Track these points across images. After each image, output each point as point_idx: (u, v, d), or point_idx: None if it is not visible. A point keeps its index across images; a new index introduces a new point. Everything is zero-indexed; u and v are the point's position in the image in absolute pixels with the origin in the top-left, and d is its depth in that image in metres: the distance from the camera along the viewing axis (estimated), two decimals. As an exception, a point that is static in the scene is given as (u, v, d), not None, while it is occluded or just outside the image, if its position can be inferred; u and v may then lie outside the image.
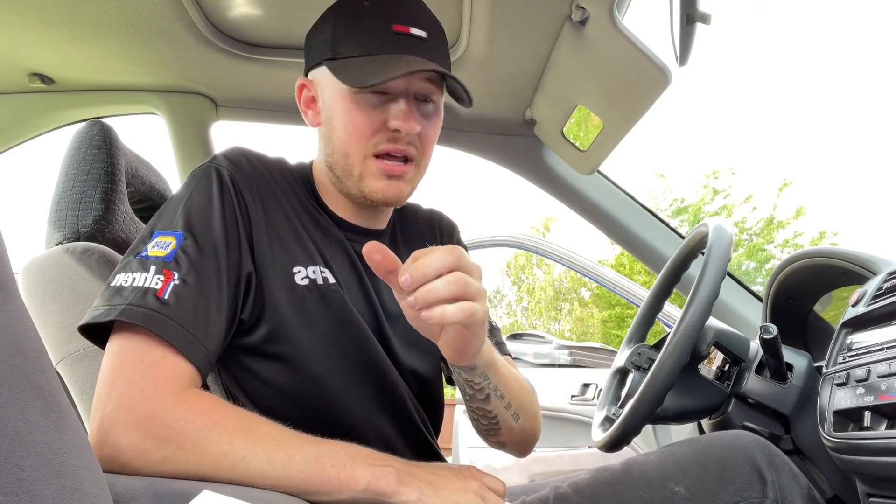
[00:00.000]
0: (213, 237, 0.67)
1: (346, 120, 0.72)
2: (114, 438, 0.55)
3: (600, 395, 1.11)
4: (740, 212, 13.58)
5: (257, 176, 0.74)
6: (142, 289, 0.61)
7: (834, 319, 1.13)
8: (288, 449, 0.58)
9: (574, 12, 1.00)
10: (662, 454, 0.81)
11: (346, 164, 0.74)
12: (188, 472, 0.56)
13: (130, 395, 0.57)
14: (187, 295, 0.62)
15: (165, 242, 0.65)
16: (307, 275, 0.73)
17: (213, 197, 0.69)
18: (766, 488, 0.72)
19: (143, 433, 0.55)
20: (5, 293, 0.32)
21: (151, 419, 0.56)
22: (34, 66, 1.27)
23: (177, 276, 0.62)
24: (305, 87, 0.79)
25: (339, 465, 0.58)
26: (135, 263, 0.64)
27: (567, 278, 19.07)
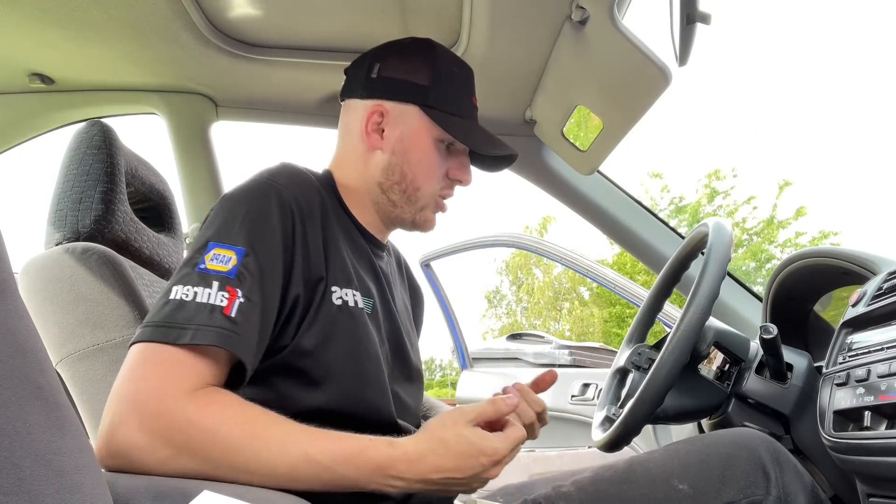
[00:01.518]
0: (272, 256, 0.68)
1: (429, 161, 0.85)
2: (121, 435, 0.56)
3: (600, 395, 1.11)
4: (741, 212, 13.58)
5: (311, 194, 0.76)
6: (208, 306, 0.61)
7: (834, 319, 1.13)
8: (293, 458, 0.58)
9: (574, 12, 1.00)
10: (666, 452, 0.81)
11: (413, 194, 0.85)
12: (192, 473, 0.56)
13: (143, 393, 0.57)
14: (252, 311, 0.63)
15: (225, 257, 0.65)
16: (340, 296, 0.75)
17: (272, 215, 0.70)
18: (769, 485, 0.72)
19: (150, 432, 0.56)
20: (5, 293, 0.32)
21: (160, 417, 0.57)
22: (34, 66, 1.27)
23: (241, 294, 0.63)
24: (379, 114, 0.85)
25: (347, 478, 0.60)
26: (195, 276, 0.63)
27: (567, 278, 19.06)
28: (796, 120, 26.68)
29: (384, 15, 1.12)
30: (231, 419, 0.59)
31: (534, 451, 1.92)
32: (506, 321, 21.12)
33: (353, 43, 1.21)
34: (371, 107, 0.85)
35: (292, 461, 0.58)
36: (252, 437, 0.58)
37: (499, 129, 1.45)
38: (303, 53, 1.24)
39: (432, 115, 0.83)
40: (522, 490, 0.88)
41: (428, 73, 0.85)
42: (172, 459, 0.56)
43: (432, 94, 0.84)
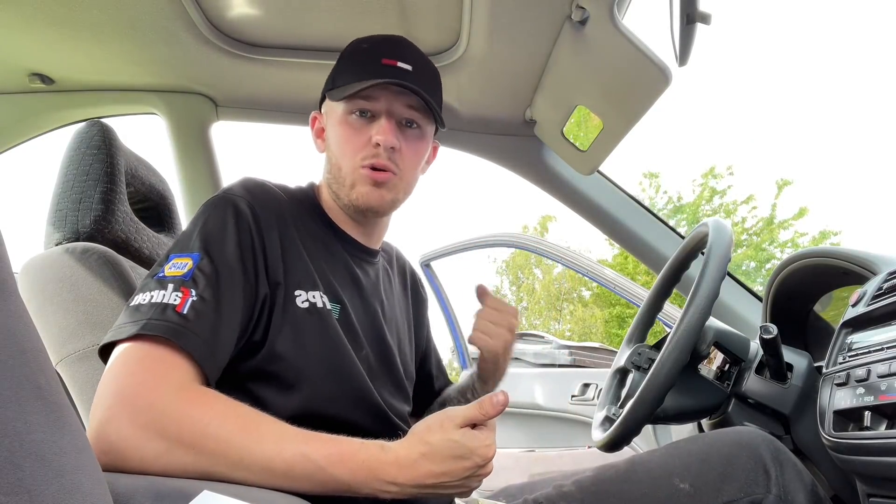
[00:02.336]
0: (228, 258, 0.70)
1: (340, 138, 0.84)
2: (112, 431, 0.55)
3: (600, 395, 1.12)
4: (740, 211, 13.58)
5: (269, 203, 0.78)
6: (161, 304, 0.63)
7: (834, 319, 1.13)
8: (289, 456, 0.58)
9: (574, 12, 1.00)
10: (667, 451, 0.81)
11: (340, 176, 0.84)
12: (186, 468, 0.56)
13: (131, 388, 0.57)
14: (205, 310, 0.64)
15: (182, 263, 0.68)
16: (307, 298, 0.76)
17: (227, 223, 0.72)
18: (769, 483, 0.72)
19: (142, 425, 0.56)
20: (5, 293, 0.32)
21: (151, 409, 0.56)
22: (34, 66, 1.27)
23: (194, 293, 0.65)
24: (317, 120, 0.91)
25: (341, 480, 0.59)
26: (152, 283, 0.66)
27: (567, 278, 19.06)
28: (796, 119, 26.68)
29: (384, 15, 1.12)
30: (223, 413, 0.59)
31: (534, 451, 1.93)
32: (506, 321, 21.06)
33: (353, 43, 1.21)
34: (312, 116, 0.92)
35: (287, 458, 0.58)
36: (246, 431, 0.58)
37: (499, 129, 1.45)
38: (303, 53, 1.24)
39: (332, 95, 0.85)
40: (524, 490, 0.88)
41: (336, 65, 0.88)
42: (167, 453, 0.55)
43: (335, 79, 0.86)
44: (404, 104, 0.83)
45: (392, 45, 0.86)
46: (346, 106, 0.83)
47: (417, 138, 0.86)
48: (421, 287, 1.10)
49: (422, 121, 0.86)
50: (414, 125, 0.85)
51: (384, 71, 0.82)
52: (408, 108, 0.84)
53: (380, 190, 0.83)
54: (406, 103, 0.83)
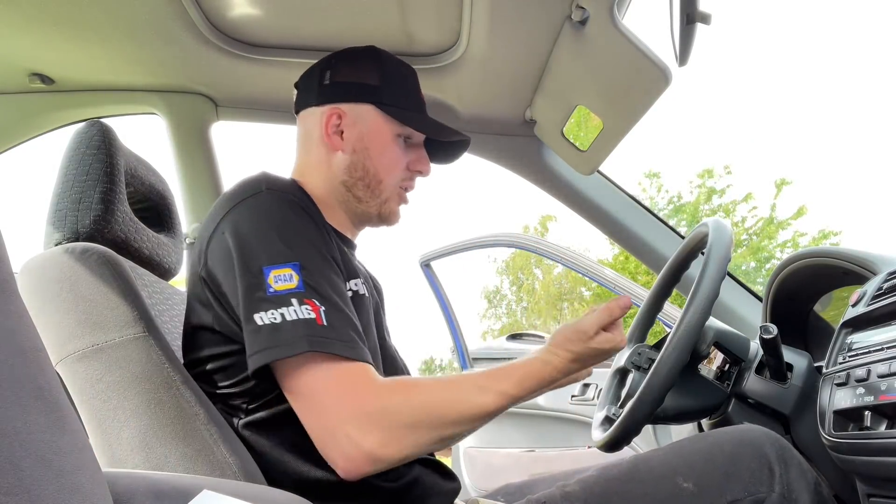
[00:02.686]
0: (320, 258, 0.75)
1: (388, 155, 0.89)
2: (367, 441, 0.67)
3: (600, 395, 1.11)
4: (739, 211, 13.58)
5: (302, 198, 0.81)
6: (301, 321, 0.68)
7: (834, 319, 1.13)
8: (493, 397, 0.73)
9: (574, 12, 1.00)
10: (671, 450, 0.81)
11: (377, 187, 0.89)
12: (433, 443, 0.71)
13: (355, 404, 0.68)
14: (338, 316, 0.71)
15: (286, 275, 0.71)
16: (351, 287, 0.81)
17: (297, 222, 0.76)
18: (773, 482, 0.72)
19: (385, 427, 0.67)
20: (5, 293, 0.32)
21: (384, 412, 0.68)
22: (34, 66, 1.27)
23: (319, 302, 0.70)
24: (337, 116, 0.89)
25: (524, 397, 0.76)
26: (270, 301, 0.69)
27: (567, 278, 19.07)
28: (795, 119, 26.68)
29: (384, 15, 1.12)
30: (427, 389, 0.72)
31: (534, 451, 1.93)
32: (506, 321, 21.13)
33: (352, 43, 1.20)
34: (328, 111, 0.89)
35: (493, 401, 0.72)
36: (452, 394, 0.72)
37: (499, 129, 1.45)
38: (303, 53, 1.24)
39: (388, 112, 0.89)
40: (523, 489, 0.88)
41: (377, 74, 0.91)
42: (417, 439, 0.69)
43: (385, 93, 0.90)
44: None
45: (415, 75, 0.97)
46: (398, 128, 0.90)
47: None
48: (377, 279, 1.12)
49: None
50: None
51: (424, 108, 0.94)
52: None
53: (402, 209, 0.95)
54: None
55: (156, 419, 0.73)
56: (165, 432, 0.73)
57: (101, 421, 0.74)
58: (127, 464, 0.73)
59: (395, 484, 0.79)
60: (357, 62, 0.93)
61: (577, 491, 0.79)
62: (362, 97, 0.89)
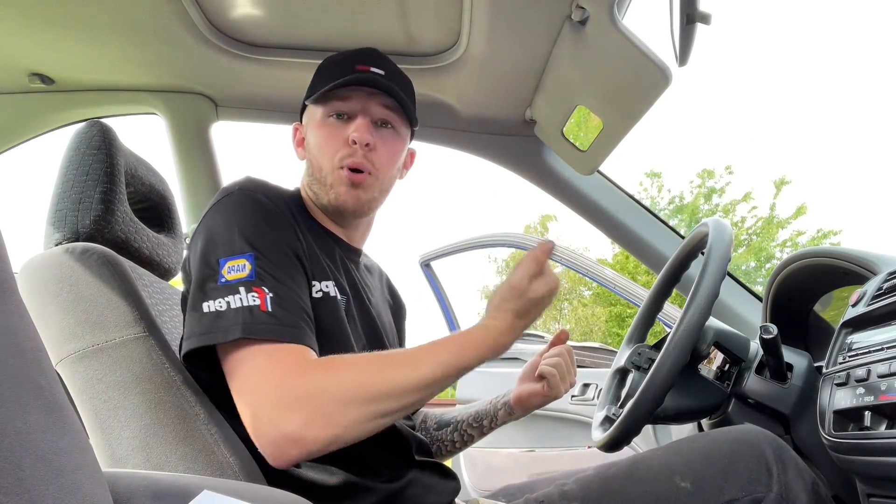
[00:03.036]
0: (279, 251, 0.74)
1: (319, 140, 0.88)
2: (286, 423, 0.63)
3: (600, 395, 1.12)
4: (739, 211, 13.58)
5: (277, 200, 0.82)
6: (244, 308, 0.68)
7: (834, 319, 1.13)
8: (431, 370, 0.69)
9: (574, 12, 1.00)
10: (669, 450, 0.81)
11: (320, 176, 0.87)
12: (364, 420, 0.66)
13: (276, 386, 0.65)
14: (285, 305, 0.70)
15: (239, 265, 0.71)
16: (320, 288, 0.80)
17: (261, 218, 0.76)
18: (771, 482, 0.72)
19: (300, 409, 0.64)
20: (5, 293, 0.32)
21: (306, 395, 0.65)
22: (34, 66, 1.27)
23: (268, 290, 0.69)
24: (298, 130, 0.95)
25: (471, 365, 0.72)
26: (219, 289, 0.69)
27: (567, 278, 19.06)
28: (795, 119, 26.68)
29: (384, 15, 1.12)
30: (360, 366, 0.69)
31: (534, 451, 1.93)
32: (506, 321, 21.06)
33: (352, 43, 1.21)
34: (293, 128, 0.96)
35: (429, 370, 0.69)
36: (381, 365, 0.69)
37: (499, 129, 1.45)
38: (303, 53, 1.24)
39: (312, 101, 0.90)
40: (524, 489, 0.89)
41: (314, 77, 0.93)
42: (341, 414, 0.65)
43: (311, 87, 0.91)
44: (378, 104, 0.88)
45: (365, 54, 0.92)
46: (324, 109, 0.88)
47: (392, 137, 0.90)
48: (399, 296, 1.12)
49: (396, 121, 0.90)
50: (388, 125, 0.90)
51: (360, 74, 0.87)
52: (382, 107, 0.88)
53: (356, 191, 0.86)
54: (380, 103, 0.88)
55: (156, 419, 0.73)
56: (166, 432, 0.73)
57: (101, 421, 0.74)
58: (127, 464, 0.73)
59: (393, 484, 0.79)
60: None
61: (575, 490, 0.79)
62: (304, 101, 0.93)
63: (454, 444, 1.06)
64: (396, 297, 1.11)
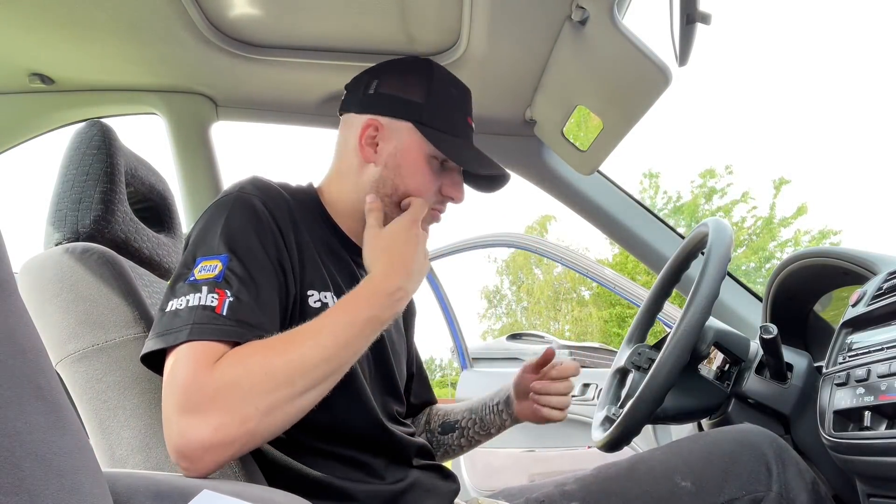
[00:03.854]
0: (256, 258, 0.71)
1: (419, 176, 0.86)
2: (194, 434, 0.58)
3: (600, 395, 1.12)
4: (740, 211, 13.58)
5: (280, 203, 0.79)
6: (198, 307, 0.65)
7: (834, 319, 1.13)
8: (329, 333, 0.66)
9: (574, 12, 1.00)
10: (669, 449, 0.81)
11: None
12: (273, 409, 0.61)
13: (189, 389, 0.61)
14: (241, 310, 0.66)
15: (211, 266, 0.69)
16: (319, 298, 0.78)
17: (248, 222, 0.73)
18: (770, 481, 0.72)
19: (205, 414, 0.59)
20: (5, 293, 0.32)
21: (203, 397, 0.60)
22: (34, 66, 1.27)
23: (229, 294, 0.66)
24: (374, 128, 0.87)
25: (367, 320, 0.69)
26: (185, 288, 0.67)
27: (567, 278, 19.06)
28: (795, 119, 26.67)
29: (384, 15, 1.12)
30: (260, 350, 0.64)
31: (534, 451, 1.93)
32: (506, 321, 21.13)
33: (353, 43, 1.21)
34: (366, 121, 0.87)
35: (329, 337, 0.66)
36: (285, 346, 0.64)
37: (499, 129, 1.45)
38: (303, 53, 1.24)
39: (424, 132, 0.85)
40: (524, 490, 0.89)
41: (423, 90, 0.87)
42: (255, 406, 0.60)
43: (426, 112, 0.86)
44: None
45: (466, 97, 0.93)
46: (432, 151, 0.86)
47: None
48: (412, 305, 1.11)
49: None
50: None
51: (468, 132, 0.90)
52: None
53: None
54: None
55: (156, 419, 0.73)
56: (165, 432, 0.73)
57: (101, 421, 0.74)
58: (127, 464, 0.73)
59: (394, 486, 0.79)
60: (406, 75, 0.89)
61: (575, 490, 0.79)
62: (403, 113, 0.86)
63: (461, 448, 1.07)
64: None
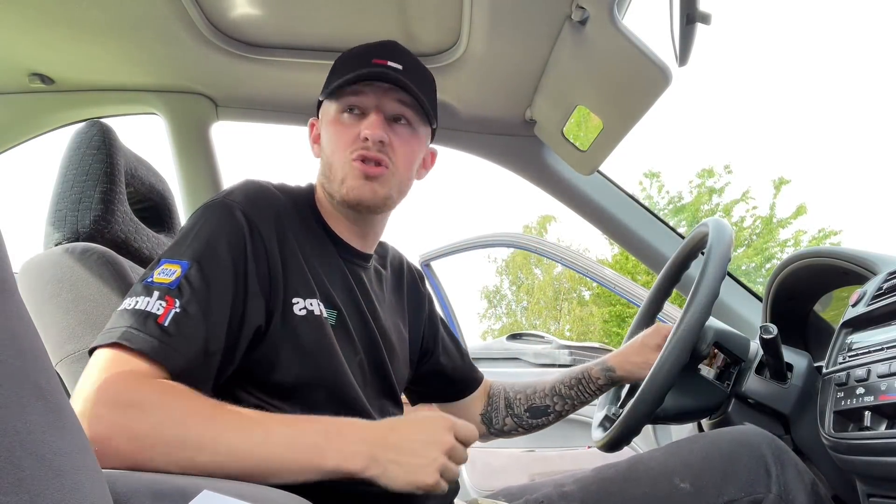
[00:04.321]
0: (219, 269, 0.68)
1: (332, 136, 0.84)
2: (92, 424, 0.55)
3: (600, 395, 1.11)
4: (739, 211, 13.59)
5: (267, 210, 0.77)
6: (143, 312, 0.62)
7: (834, 319, 1.13)
8: (262, 430, 0.59)
9: (574, 12, 1.00)
10: (668, 450, 0.81)
11: (332, 172, 0.84)
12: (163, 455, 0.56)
13: (104, 385, 0.58)
14: (187, 324, 0.63)
15: (171, 270, 0.67)
16: (304, 306, 0.75)
17: (221, 231, 0.71)
18: (770, 482, 0.72)
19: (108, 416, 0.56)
20: (5, 293, 0.32)
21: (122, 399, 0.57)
22: (34, 66, 1.27)
23: (178, 304, 0.64)
24: (314, 126, 0.92)
25: (312, 447, 0.60)
26: (140, 288, 0.66)
27: (567, 278, 19.06)
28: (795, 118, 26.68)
29: (384, 15, 1.12)
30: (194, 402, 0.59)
31: (534, 451, 1.93)
32: (506, 321, 21.14)
33: (352, 43, 1.20)
34: (310, 123, 0.93)
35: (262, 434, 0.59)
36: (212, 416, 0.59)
37: (499, 129, 1.45)
38: (303, 53, 1.24)
39: (325, 96, 0.87)
40: (524, 490, 0.88)
41: (330, 73, 0.89)
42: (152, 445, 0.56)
43: (328, 82, 0.87)
44: (393, 99, 0.83)
45: (384, 47, 0.87)
46: (338, 105, 0.84)
47: (409, 134, 0.86)
48: (421, 284, 1.07)
49: (413, 118, 0.86)
50: (403, 120, 0.85)
51: (374, 69, 0.82)
52: (397, 103, 0.84)
53: (371, 183, 0.81)
54: (395, 98, 0.83)
55: (156, 419, 0.73)
56: (165, 432, 0.73)
57: (101, 421, 0.74)
58: (127, 464, 0.72)
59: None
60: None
61: (574, 491, 0.79)
62: (320, 97, 0.89)
63: (551, 423, 1.07)
64: (417, 287, 1.05)
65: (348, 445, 0.62)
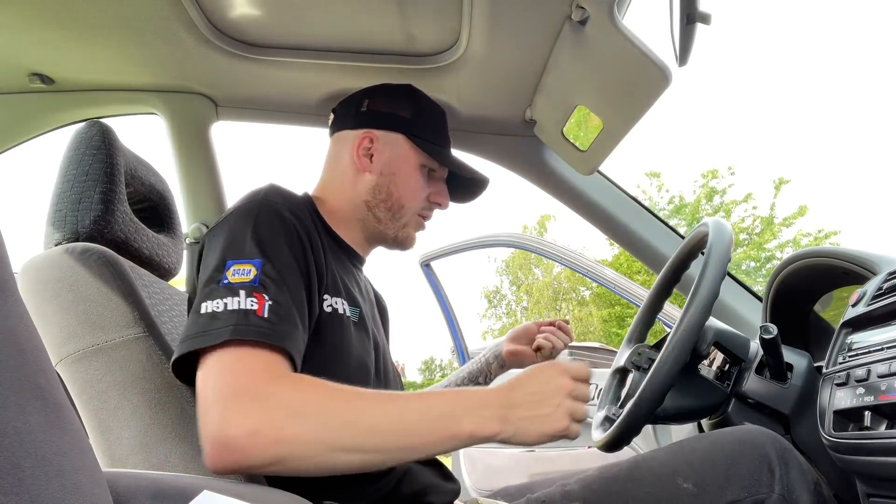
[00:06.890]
0: (288, 263, 0.73)
1: (414, 184, 0.96)
2: (233, 428, 0.58)
3: (600, 395, 1.12)
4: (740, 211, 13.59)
5: (301, 211, 0.82)
6: (239, 311, 0.65)
7: (834, 319, 1.13)
8: (397, 407, 0.64)
9: (574, 12, 1.00)
10: (671, 450, 0.81)
11: (398, 211, 0.95)
12: (310, 441, 0.59)
13: (237, 385, 0.60)
14: (282, 313, 0.68)
15: (245, 269, 0.70)
16: (331, 304, 0.80)
17: (277, 229, 0.76)
18: (773, 482, 0.72)
19: (250, 417, 0.58)
20: (5, 293, 0.32)
21: (266, 398, 0.60)
22: (34, 66, 1.27)
23: (268, 298, 0.67)
24: (369, 140, 0.96)
25: (448, 416, 0.64)
26: (220, 290, 0.68)
27: (567, 278, 19.07)
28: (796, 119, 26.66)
29: (384, 15, 1.12)
30: (332, 388, 0.64)
31: (534, 451, 1.93)
32: (506, 321, 21.15)
33: (352, 43, 1.21)
34: (361, 134, 0.96)
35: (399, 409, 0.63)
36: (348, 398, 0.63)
37: (499, 129, 1.45)
38: (303, 53, 1.24)
39: (417, 143, 0.95)
40: (524, 490, 0.89)
41: (411, 108, 0.99)
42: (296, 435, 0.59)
43: (417, 126, 0.97)
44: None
45: (444, 116, 1.05)
46: (422, 159, 0.96)
47: None
48: (380, 295, 1.15)
49: None
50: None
51: (449, 146, 1.03)
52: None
53: (417, 235, 1.00)
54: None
55: (156, 419, 0.73)
56: (166, 432, 0.73)
57: (101, 421, 0.74)
58: (127, 464, 0.73)
59: (393, 486, 0.79)
60: (394, 95, 1.01)
61: (576, 490, 0.79)
62: (395, 126, 0.96)
63: None
64: (379, 296, 1.13)
65: (480, 410, 0.65)
